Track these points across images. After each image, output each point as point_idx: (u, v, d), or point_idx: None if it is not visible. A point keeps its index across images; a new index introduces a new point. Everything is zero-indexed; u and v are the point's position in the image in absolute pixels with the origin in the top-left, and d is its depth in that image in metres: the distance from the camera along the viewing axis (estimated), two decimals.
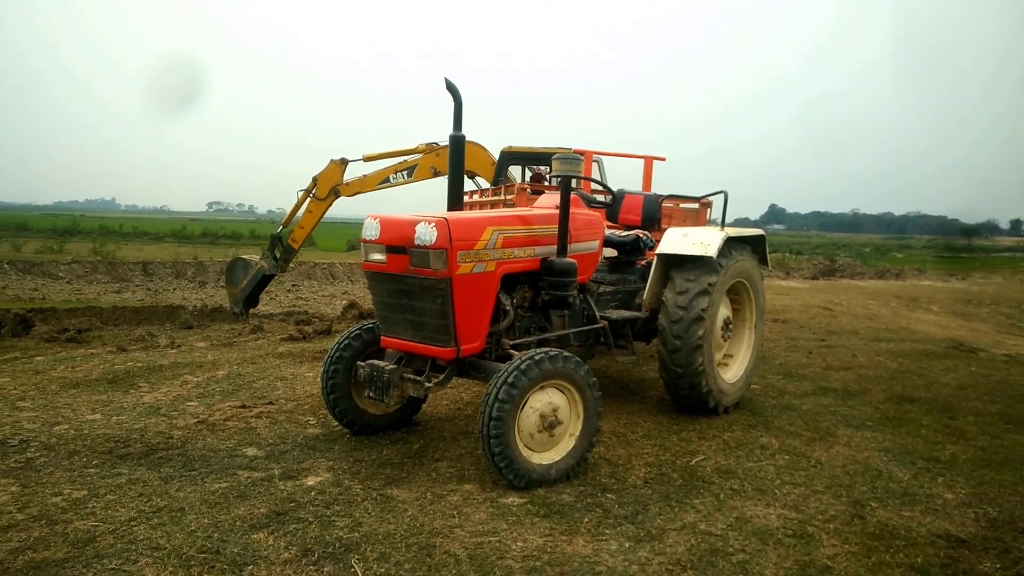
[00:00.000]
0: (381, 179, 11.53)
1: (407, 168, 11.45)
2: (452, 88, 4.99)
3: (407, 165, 11.50)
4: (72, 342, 8.68)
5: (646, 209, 6.70)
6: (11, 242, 27.98)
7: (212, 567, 3.27)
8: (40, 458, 4.59)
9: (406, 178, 11.46)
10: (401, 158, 11.56)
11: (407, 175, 11.44)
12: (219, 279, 19.66)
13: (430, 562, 3.39)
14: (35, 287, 16.46)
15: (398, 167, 11.48)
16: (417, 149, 11.56)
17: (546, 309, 5.22)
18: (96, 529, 3.60)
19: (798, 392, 7.06)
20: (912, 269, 28.88)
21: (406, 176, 11.44)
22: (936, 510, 4.28)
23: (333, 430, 5.33)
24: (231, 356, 7.93)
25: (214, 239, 40.48)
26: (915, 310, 14.95)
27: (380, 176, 11.54)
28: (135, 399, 6.09)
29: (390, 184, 11.54)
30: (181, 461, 4.60)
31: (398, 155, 11.60)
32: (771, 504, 4.27)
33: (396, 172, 11.46)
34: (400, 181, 11.50)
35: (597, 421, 4.58)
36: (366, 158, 11.55)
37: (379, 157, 11.62)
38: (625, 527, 3.86)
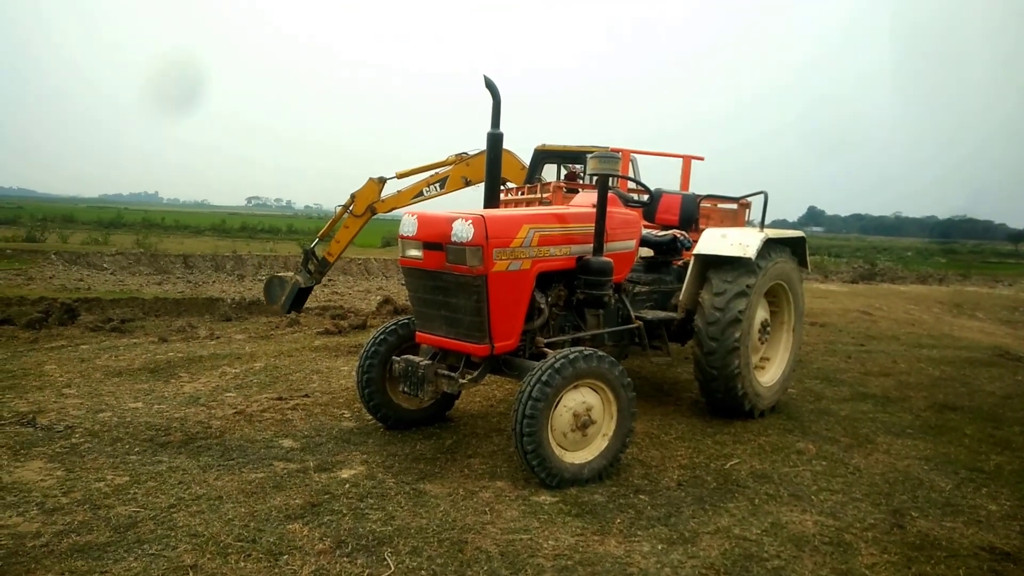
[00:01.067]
0: (415, 193, 11.79)
1: (439, 180, 11.69)
2: (491, 86, 4.99)
3: (439, 178, 11.72)
4: (116, 332, 8.90)
5: (684, 209, 6.64)
6: (58, 233, 28.77)
7: (248, 555, 3.32)
8: (84, 444, 4.71)
9: (439, 190, 11.71)
10: (432, 171, 11.77)
11: (439, 187, 11.67)
12: (257, 272, 20.00)
13: (462, 558, 3.40)
14: (80, 277, 16.89)
15: (430, 180, 11.72)
16: (447, 161, 11.73)
17: (581, 308, 5.20)
18: (137, 515, 3.68)
19: (836, 397, 6.93)
20: (956, 274, 28.17)
21: (439, 188, 11.69)
22: (980, 521, 4.17)
23: (367, 424, 5.38)
24: (268, 348, 8.05)
25: (252, 233, 41.16)
26: (959, 316, 14.57)
27: (414, 191, 11.79)
28: (175, 389, 6.22)
29: (423, 197, 11.81)
30: (219, 450, 4.69)
31: (429, 169, 11.83)
32: (807, 510, 4.20)
33: (428, 185, 11.72)
34: (433, 194, 11.74)
35: (631, 422, 4.56)
36: (399, 175, 11.82)
37: (411, 173, 11.89)
38: (658, 529, 3.83)
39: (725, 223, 8.02)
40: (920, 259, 39.96)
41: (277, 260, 22.34)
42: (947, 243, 71.40)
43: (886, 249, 47.18)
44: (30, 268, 17.83)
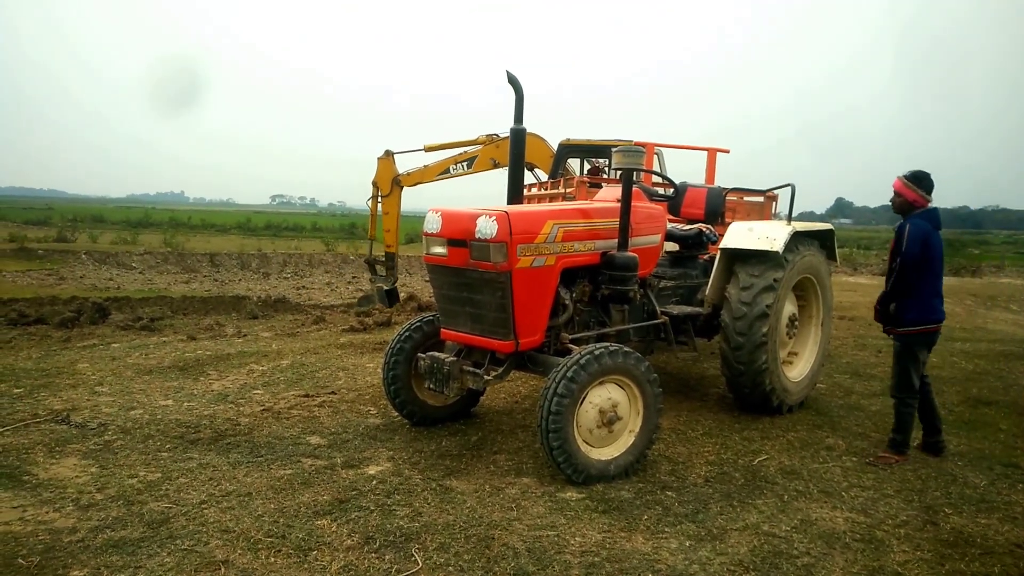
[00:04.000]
0: (441, 170, 11.58)
1: (467, 159, 11.46)
2: (514, 81, 4.98)
3: (467, 156, 11.51)
4: (145, 330, 9.04)
5: (709, 203, 6.57)
6: (88, 233, 29.31)
7: (278, 551, 3.36)
8: (117, 441, 4.79)
9: (466, 169, 11.48)
10: (461, 149, 11.58)
11: (467, 166, 11.46)
12: (282, 270, 20.19)
13: (489, 554, 3.41)
14: (110, 276, 17.19)
15: (458, 158, 11.50)
16: (477, 140, 11.56)
17: (606, 303, 5.18)
18: (170, 511, 3.74)
19: (866, 392, 6.83)
20: (990, 266, 27.64)
21: (466, 167, 11.47)
22: (1015, 518, 4.09)
23: (393, 420, 5.41)
24: (295, 346, 8.13)
25: (277, 231, 41.59)
26: (993, 309, 14.29)
27: (440, 167, 11.59)
28: (204, 386, 6.30)
29: (450, 175, 11.58)
30: (248, 447, 4.74)
31: (458, 146, 11.62)
32: (838, 507, 4.15)
33: (456, 163, 11.49)
34: (460, 172, 11.53)
35: (657, 418, 4.53)
36: (427, 148, 11.61)
37: (440, 148, 11.67)
38: (685, 526, 3.81)
39: (751, 216, 7.93)
40: (952, 250, 39.23)
41: (302, 258, 22.55)
42: (980, 233, 70.01)
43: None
44: (61, 268, 18.19)
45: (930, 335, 4.91)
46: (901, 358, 4.93)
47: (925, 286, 4.80)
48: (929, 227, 4.75)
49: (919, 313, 4.82)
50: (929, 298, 4.82)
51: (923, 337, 4.88)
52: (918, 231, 4.71)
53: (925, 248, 4.70)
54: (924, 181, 4.82)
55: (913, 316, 4.83)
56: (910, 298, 4.82)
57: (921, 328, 4.84)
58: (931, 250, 4.73)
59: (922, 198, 4.81)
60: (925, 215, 4.80)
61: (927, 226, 4.75)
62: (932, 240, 4.74)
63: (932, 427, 5.13)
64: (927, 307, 4.82)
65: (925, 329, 4.85)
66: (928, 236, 4.72)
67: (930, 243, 4.72)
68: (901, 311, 4.87)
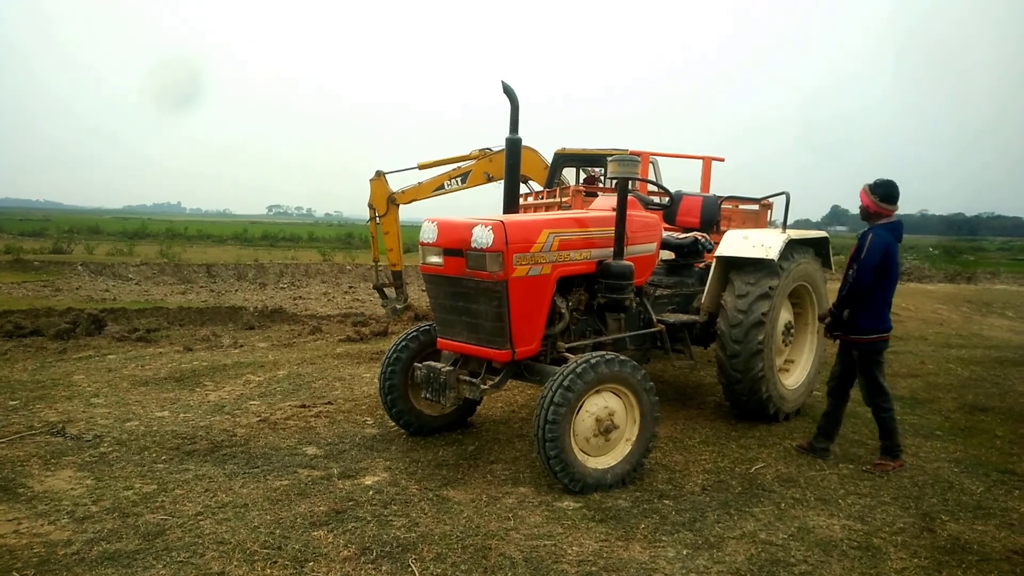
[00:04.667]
0: (436, 186, 11.67)
1: (461, 175, 11.55)
2: (509, 91, 5.00)
3: (461, 172, 11.59)
4: (142, 341, 9.02)
5: (705, 211, 6.59)
6: (84, 244, 29.25)
7: (274, 562, 3.35)
8: (113, 453, 4.78)
9: (460, 184, 11.58)
10: (455, 165, 11.65)
11: (461, 181, 11.55)
12: (279, 280, 20.16)
13: (486, 564, 3.40)
14: (106, 288, 17.14)
15: (452, 174, 11.59)
16: (471, 155, 11.62)
17: (602, 312, 5.19)
18: (165, 523, 3.72)
19: (862, 399, 6.82)
20: (985, 272, 27.68)
21: (460, 182, 11.56)
22: (1012, 524, 4.09)
23: (390, 430, 5.40)
24: (291, 356, 8.12)
25: (274, 241, 41.55)
26: (988, 315, 14.32)
27: (435, 183, 11.68)
28: (201, 397, 6.28)
29: (444, 191, 11.67)
30: (244, 458, 4.73)
31: (452, 162, 11.69)
32: (835, 514, 4.15)
33: (450, 179, 11.60)
34: (454, 188, 11.62)
35: (654, 426, 4.53)
36: (421, 166, 11.70)
37: (433, 164, 11.75)
38: (683, 534, 3.80)
39: (747, 224, 7.96)
40: (947, 257, 39.34)
41: (299, 268, 22.52)
42: (975, 240, 70.20)
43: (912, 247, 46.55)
44: (57, 279, 18.14)
45: (882, 344, 4.98)
46: (864, 366, 4.99)
47: (879, 296, 4.87)
48: (891, 239, 4.83)
49: (871, 321, 4.89)
50: (881, 308, 4.90)
51: (874, 346, 4.94)
52: (880, 241, 4.77)
53: (885, 259, 4.77)
54: (886, 193, 4.86)
55: (865, 324, 4.91)
56: (863, 307, 4.89)
57: (875, 337, 4.91)
58: (890, 261, 4.81)
59: (883, 209, 4.87)
60: (889, 226, 4.87)
61: (889, 238, 4.82)
62: (892, 252, 4.82)
63: (826, 433, 5.16)
64: (879, 316, 4.89)
65: (879, 338, 4.92)
66: (889, 247, 4.79)
67: (890, 254, 4.80)
68: (854, 318, 4.94)
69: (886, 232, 4.82)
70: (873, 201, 4.86)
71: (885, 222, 4.86)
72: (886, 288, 4.87)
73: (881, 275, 4.79)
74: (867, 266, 4.75)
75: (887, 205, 4.86)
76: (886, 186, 4.85)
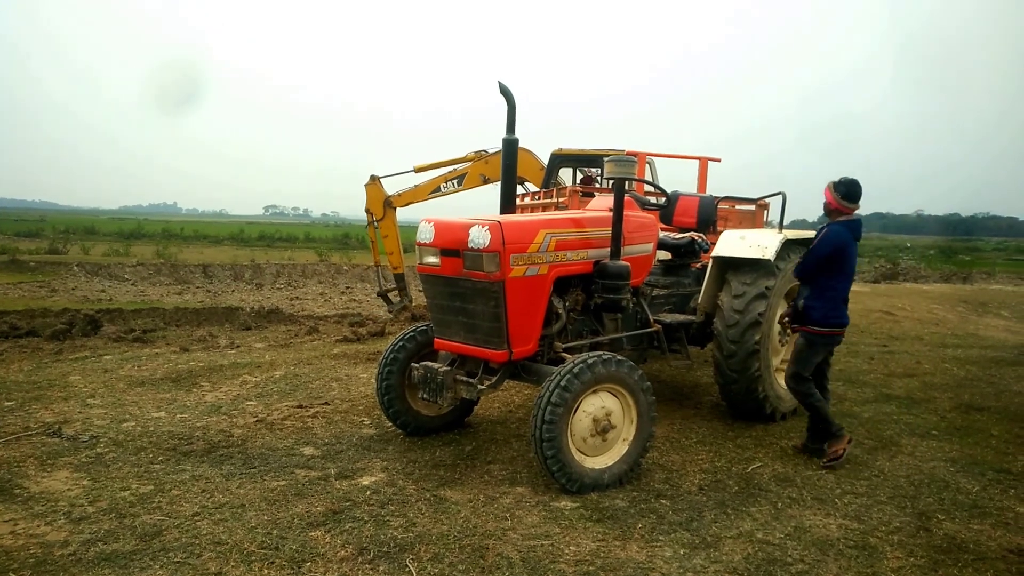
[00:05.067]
0: (432, 188, 11.73)
1: (457, 177, 11.62)
2: (506, 91, 5.00)
3: (457, 174, 11.65)
4: (138, 342, 9.00)
5: (701, 211, 6.60)
6: (80, 245, 29.20)
7: (272, 563, 3.35)
8: (109, 453, 4.77)
9: (456, 187, 11.65)
10: (451, 167, 11.69)
11: (457, 184, 11.62)
12: (275, 281, 20.14)
13: (483, 564, 3.40)
14: (102, 288, 17.12)
15: (448, 176, 11.65)
16: (466, 158, 11.66)
17: (599, 312, 5.19)
18: (162, 523, 3.72)
19: (859, 399, 6.86)
20: (981, 272, 27.77)
21: (456, 185, 11.63)
22: (1007, 524, 4.11)
23: (387, 431, 5.40)
24: (288, 357, 8.11)
25: (270, 242, 41.52)
26: (984, 315, 14.36)
27: (431, 186, 11.74)
28: (197, 398, 6.28)
29: (441, 193, 11.75)
30: (241, 459, 4.72)
31: (448, 164, 11.74)
32: (831, 514, 4.16)
33: (446, 181, 11.67)
34: (451, 190, 11.69)
35: (651, 426, 4.54)
36: (417, 169, 11.76)
37: (430, 167, 11.81)
38: (680, 534, 3.81)
39: (743, 225, 7.97)
40: (943, 257, 39.44)
41: (295, 269, 22.52)
42: (971, 240, 70.41)
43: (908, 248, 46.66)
44: (53, 280, 18.11)
45: (833, 337, 5.04)
46: (797, 352, 5.10)
47: (832, 290, 4.94)
48: (847, 235, 4.90)
49: (824, 314, 4.96)
50: (836, 302, 4.96)
51: (824, 338, 5.02)
52: (833, 236, 4.89)
53: (837, 252, 4.87)
54: (848, 191, 4.93)
55: (818, 316, 4.98)
56: (818, 299, 4.97)
57: (826, 330, 4.98)
58: (842, 255, 4.89)
59: (843, 206, 4.94)
60: (847, 223, 4.94)
61: (845, 233, 4.90)
62: (847, 248, 4.89)
63: (815, 434, 5.18)
64: (832, 310, 4.96)
65: (830, 331, 4.99)
66: (843, 243, 4.87)
67: (844, 250, 4.88)
68: (808, 310, 5.02)
69: (843, 228, 4.92)
70: (835, 198, 4.95)
71: (845, 219, 4.95)
72: (840, 283, 4.96)
73: (832, 268, 4.91)
74: (813, 254, 4.94)
75: (848, 203, 4.94)
76: (849, 185, 4.94)
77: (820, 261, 4.92)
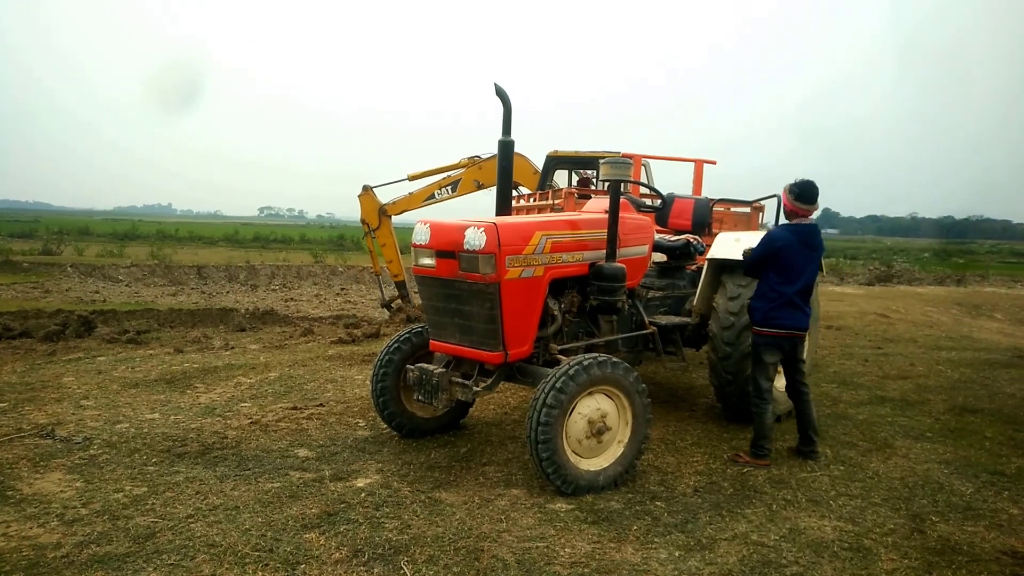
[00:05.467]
0: (426, 196, 11.89)
1: (451, 183, 11.76)
2: (501, 93, 5.00)
3: (451, 180, 11.78)
4: (132, 343, 8.98)
5: (696, 213, 6.61)
6: (74, 246, 29.10)
7: (266, 565, 3.33)
8: (103, 455, 4.75)
9: (451, 193, 11.85)
10: (445, 174, 11.80)
11: (451, 190, 11.75)
12: (270, 282, 20.09)
13: (478, 566, 3.39)
14: (96, 289, 17.06)
15: (442, 183, 11.81)
16: (460, 164, 11.73)
17: (594, 314, 5.19)
18: (156, 525, 3.70)
19: (853, 401, 6.88)
20: (974, 275, 27.89)
21: (451, 191, 11.83)
22: (1001, 525, 4.12)
23: (382, 432, 5.39)
24: (283, 358, 8.09)
25: (265, 243, 41.44)
26: (978, 317, 14.42)
27: (425, 193, 11.88)
28: (191, 399, 6.25)
29: (435, 200, 11.90)
30: (236, 460, 4.71)
31: (441, 171, 11.85)
32: (826, 516, 4.16)
33: (440, 188, 11.86)
34: (445, 196, 11.83)
35: (646, 428, 4.54)
36: (411, 177, 11.90)
37: (424, 175, 11.95)
38: (675, 536, 3.81)
39: (739, 227, 7.98)
40: (937, 260, 39.60)
41: (290, 270, 22.48)
42: (964, 243, 70.70)
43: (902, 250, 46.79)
44: (47, 281, 18.05)
45: (775, 339, 5.02)
46: (752, 358, 5.16)
47: (774, 292, 4.96)
48: (789, 238, 4.93)
49: (764, 315, 5.00)
50: (778, 304, 4.96)
51: (764, 339, 5.04)
52: (771, 237, 4.99)
53: (773, 254, 4.92)
54: (800, 192, 4.96)
55: (759, 317, 5.04)
56: (760, 300, 5.04)
57: (765, 330, 5.01)
58: (781, 258, 4.92)
59: (797, 208, 4.97)
60: (793, 227, 4.99)
61: (786, 236, 4.94)
62: (785, 250, 4.91)
63: (803, 436, 5.19)
64: (773, 311, 4.97)
65: (768, 332, 5.00)
66: (780, 245, 4.91)
67: (782, 252, 4.91)
68: (750, 310, 5.13)
69: (784, 231, 4.98)
70: (789, 199, 5.00)
71: (797, 222, 4.98)
72: (783, 285, 4.94)
73: (775, 270, 4.94)
74: (752, 254, 5.08)
75: (800, 204, 4.96)
76: (801, 186, 4.97)
77: (755, 261, 5.03)
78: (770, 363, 5.06)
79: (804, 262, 4.94)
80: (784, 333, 4.98)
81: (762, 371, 5.06)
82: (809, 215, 5.00)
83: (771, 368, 5.07)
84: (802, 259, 4.93)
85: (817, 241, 5.01)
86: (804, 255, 4.93)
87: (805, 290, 4.98)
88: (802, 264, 4.93)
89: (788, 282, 4.93)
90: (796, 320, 4.97)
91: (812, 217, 5.05)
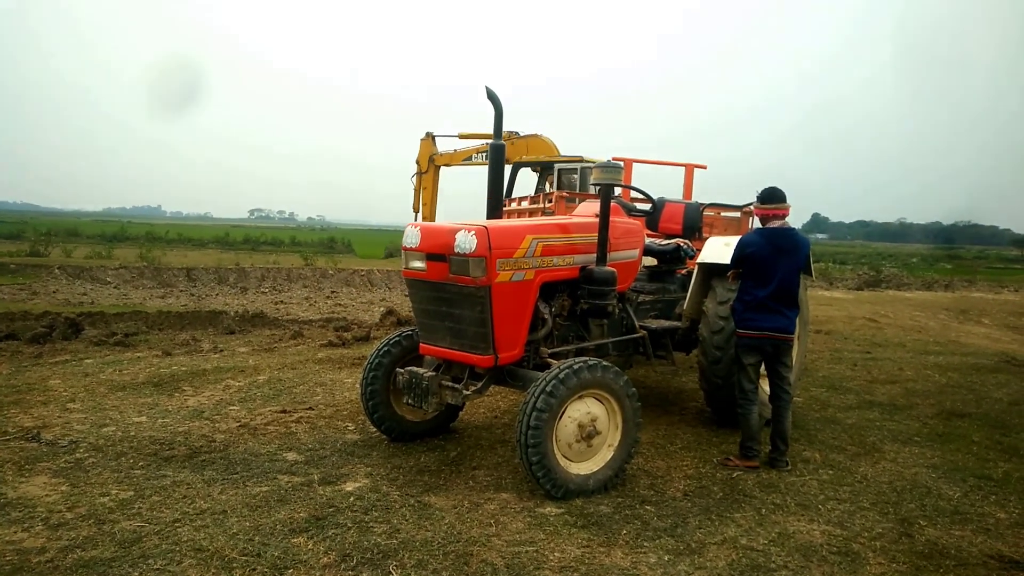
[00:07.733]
0: (466, 156, 13.03)
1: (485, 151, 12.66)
2: (493, 97, 5.00)
3: (485, 149, 12.56)
4: (120, 346, 8.90)
5: (687, 218, 6.63)
6: (62, 247, 28.85)
7: (253, 570, 3.31)
8: (89, 459, 4.70)
9: (484, 160, 12.62)
10: (484, 141, 12.68)
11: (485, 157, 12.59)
12: (260, 284, 20.00)
13: (467, 570, 3.38)
14: (84, 291, 16.92)
15: (480, 149, 12.89)
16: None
17: (585, 318, 5.19)
18: (142, 529, 3.67)
19: (842, 405, 6.91)
20: (962, 280, 28.09)
21: (484, 158, 12.58)
22: (988, 529, 4.14)
23: (371, 436, 5.37)
24: (272, 361, 8.05)
25: (255, 245, 41.25)
26: (965, 323, 14.52)
27: (466, 153, 13.04)
28: (179, 402, 6.21)
29: (472, 163, 13.04)
30: (223, 464, 4.68)
31: (484, 137, 12.69)
32: (815, 520, 4.17)
33: (478, 153, 12.91)
34: (478, 162, 13.00)
35: (636, 432, 4.54)
36: (461, 136, 13.10)
37: (472, 136, 13.12)
38: (664, 540, 3.81)
39: (729, 231, 8.00)
40: (925, 265, 39.85)
41: (280, 273, 22.38)
42: (952, 249, 71.20)
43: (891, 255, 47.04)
44: (34, 282, 17.88)
45: (752, 340, 5.06)
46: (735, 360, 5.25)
47: (749, 294, 5.05)
48: (759, 241, 5.02)
49: (740, 316, 5.11)
50: (752, 306, 5.02)
51: (741, 340, 5.11)
52: (744, 240, 5.14)
53: (743, 258, 5.06)
54: (765, 195, 5.09)
55: (736, 318, 5.16)
56: (738, 302, 5.15)
57: (743, 332, 5.08)
58: (752, 261, 5.01)
59: (766, 210, 5.07)
60: (763, 231, 5.08)
61: (756, 239, 5.05)
62: (754, 254, 5.00)
63: (772, 442, 5.18)
64: (748, 313, 5.04)
65: (747, 334, 5.06)
66: (752, 248, 5.02)
67: (752, 255, 5.01)
68: (732, 311, 5.26)
69: (756, 235, 5.10)
70: (757, 206, 5.16)
71: (769, 226, 5.05)
72: (756, 288, 5.01)
73: (745, 272, 5.08)
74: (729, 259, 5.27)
75: (768, 205, 5.06)
76: (766, 191, 5.10)
77: (732, 266, 5.24)
78: (749, 364, 5.08)
79: (776, 265, 4.96)
80: (761, 335, 5.01)
81: (743, 372, 5.10)
82: (781, 214, 5.05)
83: (751, 369, 5.09)
84: (773, 262, 4.96)
85: (789, 244, 5.00)
86: (775, 258, 4.97)
87: (781, 293, 4.99)
88: (774, 267, 4.97)
89: (760, 285, 4.99)
90: (774, 322, 4.99)
91: (787, 218, 5.10)
